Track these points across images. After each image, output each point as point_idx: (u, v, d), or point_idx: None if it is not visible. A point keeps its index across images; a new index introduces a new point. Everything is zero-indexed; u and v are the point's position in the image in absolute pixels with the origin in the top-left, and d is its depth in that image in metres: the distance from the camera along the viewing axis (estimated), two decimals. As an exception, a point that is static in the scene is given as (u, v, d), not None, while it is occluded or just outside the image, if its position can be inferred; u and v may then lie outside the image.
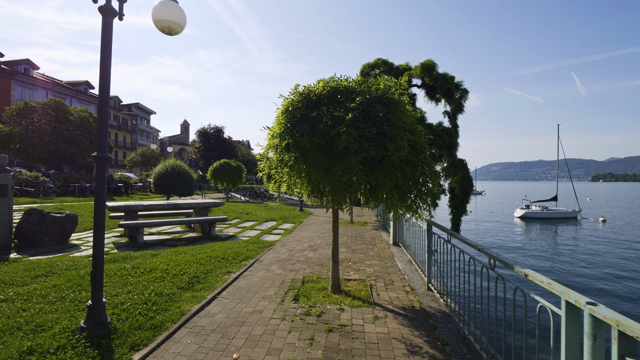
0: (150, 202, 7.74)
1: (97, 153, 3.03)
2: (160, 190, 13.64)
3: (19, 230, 6.44)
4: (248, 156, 49.10)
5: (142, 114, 61.11)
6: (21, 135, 19.98)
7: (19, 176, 14.85)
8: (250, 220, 11.13)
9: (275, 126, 3.75)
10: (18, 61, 37.11)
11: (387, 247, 7.31)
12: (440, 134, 14.00)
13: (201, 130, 34.83)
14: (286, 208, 14.93)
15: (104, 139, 3.09)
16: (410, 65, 19.29)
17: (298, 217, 12.01)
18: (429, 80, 15.18)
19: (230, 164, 19.11)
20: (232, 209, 13.41)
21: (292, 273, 5.14)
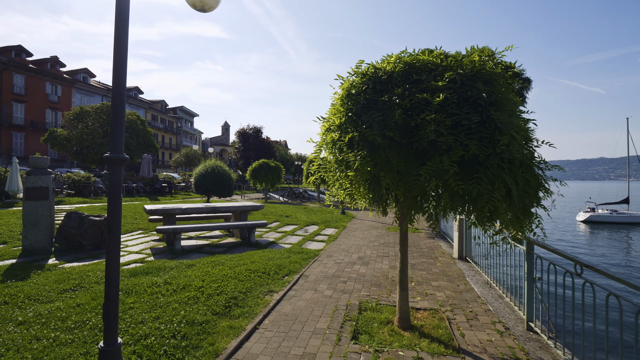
0: (188, 206, 7.31)
1: (110, 153, 2.37)
2: (201, 190, 13.47)
3: (60, 234, 6.24)
4: (286, 156, 49.18)
5: (186, 117, 63.75)
6: (77, 138, 21.17)
7: (73, 177, 15.52)
8: (290, 223, 10.47)
9: (333, 116, 2.90)
10: (77, 70, 39.97)
11: (451, 262, 6.21)
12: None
13: (240, 130, 35.24)
14: (327, 210, 14.15)
15: (119, 138, 2.42)
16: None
17: (341, 221, 11.15)
18: (488, 69, 13.56)
19: (269, 164, 18.74)
20: (271, 211, 12.88)
21: (344, 295, 4.29)
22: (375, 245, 7.56)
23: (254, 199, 21.23)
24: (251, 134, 34.90)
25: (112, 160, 2.36)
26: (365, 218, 12.58)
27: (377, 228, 10.23)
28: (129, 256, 6.06)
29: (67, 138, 21.18)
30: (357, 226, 10.54)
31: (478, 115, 2.35)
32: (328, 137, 2.90)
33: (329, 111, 3.02)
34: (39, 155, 6.51)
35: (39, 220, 6.04)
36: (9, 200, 12.20)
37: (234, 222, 7.90)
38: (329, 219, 11.32)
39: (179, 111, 60.38)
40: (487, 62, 2.74)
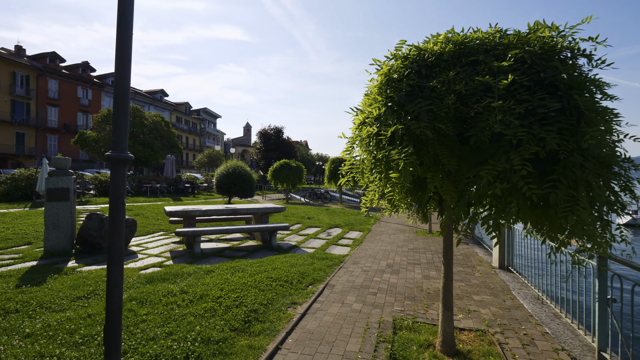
0: (208, 207, 7.08)
1: (112, 151, 2.07)
2: (222, 191, 13.37)
3: (81, 236, 6.15)
4: (307, 156, 49.05)
5: (209, 118, 64.96)
6: (104, 140, 21.76)
7: (100, 178, 15.87)
8: (312, 226, 10.10)
9: (368, 107, 2.48)
10: (106, 75, 41.42)
11: (491, 271, 5.63)
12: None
13: (262, 131, 35.36)
14: (350, 212, 13.69)
15: (122, 135, 2.11)
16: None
17: (365, 224, 10.67)
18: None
19: (290, 164, 18.49)
20: (292, 212, 12.57)
21: (376, 310, 3.85)
22: (404, 251, 7.05)
23: (275, 199, 21.07)
24: (272, 134, 34.93)
25: (115, 160, 2.05)
26: (391, 220, 12.03)
27: (404, 231, 9.69)
28: (147, 259, 5.88)
29: (95, 139, 21.81)
30: (382, 229, 10.03)
31: (557, 100, 1.86)
32: (364, 131, 2.47)
33: (363, 102, 2.60)
34: (60, 156, 6.47)
35: (60, 221, 5.97)
36: (39, 201, 12.54)
37: (255, 224, 7.62)
38: (352, 222, 10.87)
39: (202, 113, 61.60)
40: (558, 40, 2.23)
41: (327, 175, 18.25)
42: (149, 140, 22.72)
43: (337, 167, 17.71)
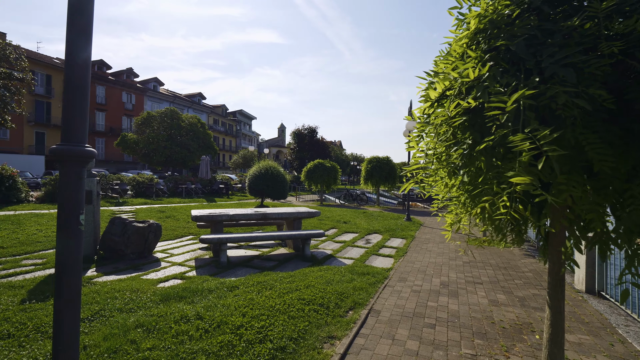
0: (236, 212, 6.50)
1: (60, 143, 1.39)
2: (254, 192, 12.93)
3: (104, 241, 5.81)
4: (341, 156, 48.17)
5: (245, 120, 66.21)
6: (144, 142, 22.41)
7: (138, 179, 16.15)
8: (349, 231, 9.26)
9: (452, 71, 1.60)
10: (148, 80, 43.30)
11: (577, 297, 4.46)
12: None
13: (295, 131, 35.06)
14: (389, 216, 12.66)
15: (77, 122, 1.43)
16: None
17: (407, 230, 9.64)
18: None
19: (324, 164, 17.77)
20: (327, 215, 11.80)
21: (438, 353, 2.95)
22: (458, 265, 6.01)
23: (309, 201, 20.46)
24: (306, 134, 34.50)
25: (64, 155, 1.36)
26: (436, 225, 10.86)
27: (454, 239, 8.55)
28: (170, 269, 5.38)
29: (136, 142, 22.53)
30: (427, 236, 8.95)
31: None
32: (449, 107, 1.59)
33: (440, 65, 1.72)
34: (86, 157, 6.18)
35: (83, 226, 5.64)
36: (80, 201, 12.84)
37: (287, 231, 6.93)
38: (393, 227, 9.88)
39: (238, 115, 62.89)
40: None
41: (363, 175, 17.31)
42: (185, 142, 23.09)
43: (374, 167, 16.73)
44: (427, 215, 13.81)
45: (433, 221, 11.96)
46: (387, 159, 17.21)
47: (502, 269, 5.88)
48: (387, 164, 16.88)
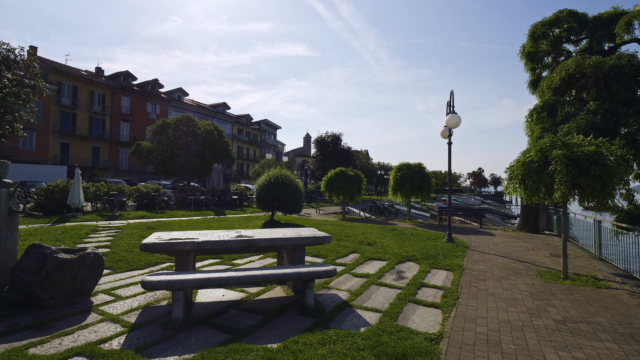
0: (209, 236, 4.55)
1: None
2: (263, 205, 11.04)
3: (13, 281, 4.03)
4: (367, 165, 45.79)
5: (270, 129, 65.61)
6: (157, 150, 21.38)
7: (142, 189, 14.81)
8: (374, 258, 7.06)
9: None
10: (173, 90, 43.43)
11: None
12: None
13: (318, 138, 33.22)
14: (424, 234, 10.28)
15: None
16: (622, 8, 12.12)
17: (452, 255, 7.28)
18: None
19: (346, 172, 15.64)
20: (347, 234, 9.64)
21: None
22: (549, 328, 3.68)
23: (330, 213, 18.34)
24: (329, 141, 32.57)
25: None
26: (487, 248, 8.39)
27: (520, 273, 6.12)
28: (93, 328, 3.47)
29: (150, 150, 21.56)
30: (481, 267, 6.56)
31: None
32: None
33: None
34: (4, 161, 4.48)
35: (-20, 258, 3.90)
36: (70, 214, 11.54)
37: (279, 268, 4.90)
38: (431, 252, 7.56)
39: (263, 124, 62.36)
40: None
41: (391, 185, 14.99)
42: (200, 150, 21.85)
43: (405, 176, 14.40)
44: (470, 232, 11.27)
45: (481, 242, 9.46)
46: (420, 165, 14.82)
47: (627, 339, 3.48)
48: (419, 171, 14.48)
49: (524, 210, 12.12)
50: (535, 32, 12.62)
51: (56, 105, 31.81)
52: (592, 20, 11.90)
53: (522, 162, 5.86)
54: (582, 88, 9.06)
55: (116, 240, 7.83)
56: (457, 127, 8.40)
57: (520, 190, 5.87)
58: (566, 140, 5.69)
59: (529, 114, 10.58)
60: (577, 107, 10.29)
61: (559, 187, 5.25)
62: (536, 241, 9.80)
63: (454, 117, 8.32)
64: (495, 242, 9.48)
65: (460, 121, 8.28)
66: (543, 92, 10.37)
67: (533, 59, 13.36)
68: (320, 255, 7.18)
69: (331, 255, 7.12)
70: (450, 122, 8.35)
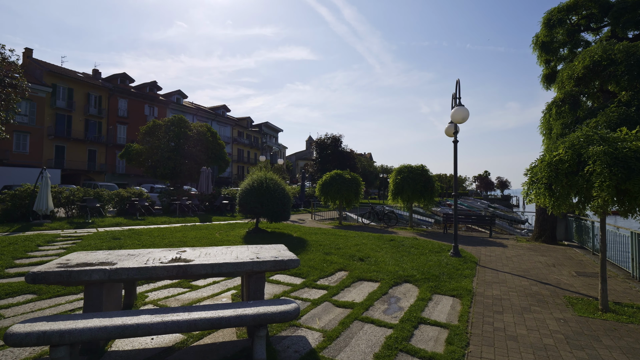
0: (132, 262, 3.40)
1: None
2: (245, 211, 9.89)
3: None
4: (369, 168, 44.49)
5: (271, 132, 64.71)
6: (147, 153, 20.40)
7: (123, 194, 13.77)
8: (364, 278, 5.86)
9: None
10: (172, 93, 42.68)
11: None
12: None
13: (317, 140, 32.03)
14: (427, 246, 9.03)
15: None
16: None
17: (459, 275, 6.05)
18: None
19: (342, 175, 14.45)
20: (338, 245, 8.45)
21: None
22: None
23: (327, 220, 17.14)
24: (329, 144, 31.38)
25: None
26: (502, 265, 7.12)
27: (545, 301, 4.87)
28: None
29: (139, 153, 20.60)
30: (496, 292, 5.32)
31: None
32: None
33: None
34: None
35: None
36: (36, 222, 10.50)
37: (216, 311, 3.75)
38: (434, 270, 6.33)
39: (264, 127, 61.46)
40: None
41: (391, 189, 13.76)
42: (191, 153, 20.83)
43: (405, 179, 13.16)
44: (479, 242, 9.99)
45: (493, 255, 8.20)
46: (422, 168, 13.57)
47: None
48: (421, 174, 13.23)
49: (539, 218, 10.81)
50: (551, 19, 11.39)
51: (51, 108, 31.12)
52: (616, 5, 10.63)
53: (547, 162, 4.64)
54: (609, 77, 7.80)
55: (65, 254, 6.72)
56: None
57: (545, 197, 4.64)
58: (605, 135, 4.46)
59: (546, 108, 9.34)
60: (602, 100, 9.02)
61: (599, 194, 4.02)
62: (556, 254, 8.50)
63: (461, 110, 7.11)
64: (508, 256, 8.21)
65: (467, 115, 7.07)
66: (563, 83, 9.12)
67: (548, 50, 12.09)
68: (301, 273, 6.01)
69: (313, 275, 5.94)
70: (457, 116, 7.13)
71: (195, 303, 4.57)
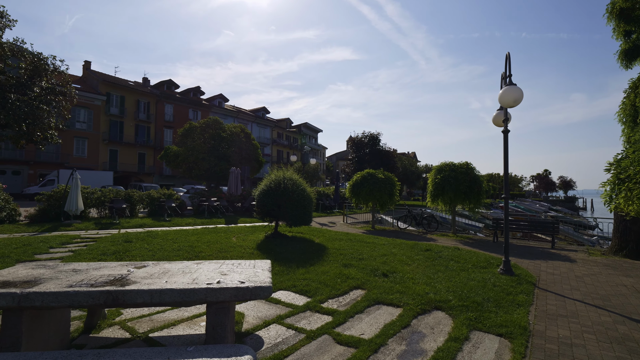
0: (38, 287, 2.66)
1: None
2: (262, 214, 9.14)
3: None
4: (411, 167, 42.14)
5: (310, 133, 64.57)
6: (184, 154, 20.76)
7: (153, 194, 13.84)
8: (383, 301, 4.70)
9: None
10: (214, 97, 44.04)
11: None
12: None
13: (354, 139, 30.74)
14: (470, 258, 7.55)
15: None
16: None
17: (509, 302, 4.65)
18: None
19: (374, 175, 13.19)
20: (361, 256, 7.34)
21: None
22: None
23: (360, 222, 15.95)
24: (366, 142, 29.96)
25: None
26: (570, 290, 5.50)
27: (634, 339, 3.37)
28: None
29: (176, 154, 21.04)
30: (564, 332, 3.87)
31: None
32: None
33: None
34: None
35: None
36: (66, 222, 10.70)
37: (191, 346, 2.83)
38: (476, 292, 4.97)
39: (303, 128, 61.46)
40: None
41: (430, 190, 12.23)
42: (226, 154, 20.82)
43: (446, 179, 11.57)
44: (538, 255, 8.22)
45: (557, 274, 6.52)
46: (467, 165, 11.85)
47: None
48: (465, 172, 11.53)
49: (619, 226, 8.70)
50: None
51: (105, 115, 33.50)
52: None
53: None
54: None
55: (69, 258, 6.42)
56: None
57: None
58: None
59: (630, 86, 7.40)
60: None
61: None
62: None
63: (511, 90, 5.62)
64: (578, 275, 6.48)
65: (520, 95, 5.58)
66: (653, 54, 7.12)
67: (627, 19, 9.82)
68: (308, 290, 5.03)
69: (322, 293, 4.92)
70: (506, 98, 5.66)
71: (170, 326, 3.80)
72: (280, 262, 6.57)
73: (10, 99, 15.66)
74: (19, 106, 15.47)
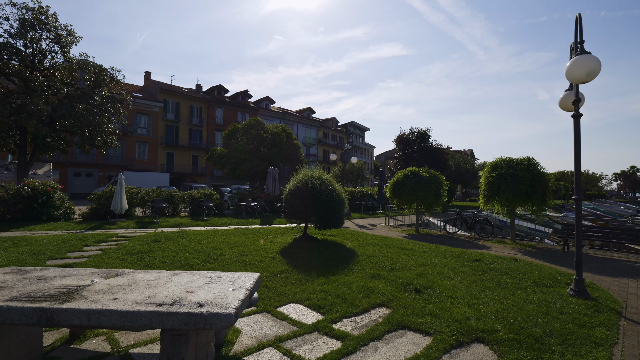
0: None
1: None
2: (288, 216, 8.63)
3: None
4: (465, 165, 39.00)
5: (357, 132, 63.45)
6: (227, 155, 21.25)
7: (193, 194, 14.17)
8: (410, 326, 3.84)
9: None
10: (261, 100, 45.17)
11: None
12: None
13: (400, 136, 29.13)
14: (531, 274, 6.24)
15: None
16: None
17: (582, 338, 3.50)
18: None
19: (418, 174, 12.02)
20: (394, 265, 6.45)
21: None
22: None
23: (404, 225, 14.78)
24: (414, 139, 28.20)
25: None
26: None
27: None
28: None
29: (220, 155, 21.62)
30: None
31: None
32: None
33: None
34: None
35: None
36: (111, 220, 11.25)
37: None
38: (534, 322, 3.87)
39: (350, 127, 60.58)
40: None
41: (482, 190, 10.77)
42: (266, 154, 20.90)
43: (502, 177, 10.05)
44: (624, 271, 6.56)
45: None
46: (528, 161, 10.16)
47: None
48: (527, 170, 9.87)
49: None
50: None
51: (162, 120, 36.01)
52: None
53: None
54: None
55: (96, 257, 6.49)
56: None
57: None
58: None
59: None
60: None
61: None
62: None
63: (583, 60, 4.34)
64: (685, 301, 4.90)
65: (596, 67, 4.28)
66: None
67: None
68: (323, 306, 4.34)
69: (337, 310, 4.21)
70: (577, 71, 4.38)
71: (156, 341, 3.38)
72: (300, 269, 5.96)
73: (77, 108, 17.26)
74: (83, 114, 16.96)
